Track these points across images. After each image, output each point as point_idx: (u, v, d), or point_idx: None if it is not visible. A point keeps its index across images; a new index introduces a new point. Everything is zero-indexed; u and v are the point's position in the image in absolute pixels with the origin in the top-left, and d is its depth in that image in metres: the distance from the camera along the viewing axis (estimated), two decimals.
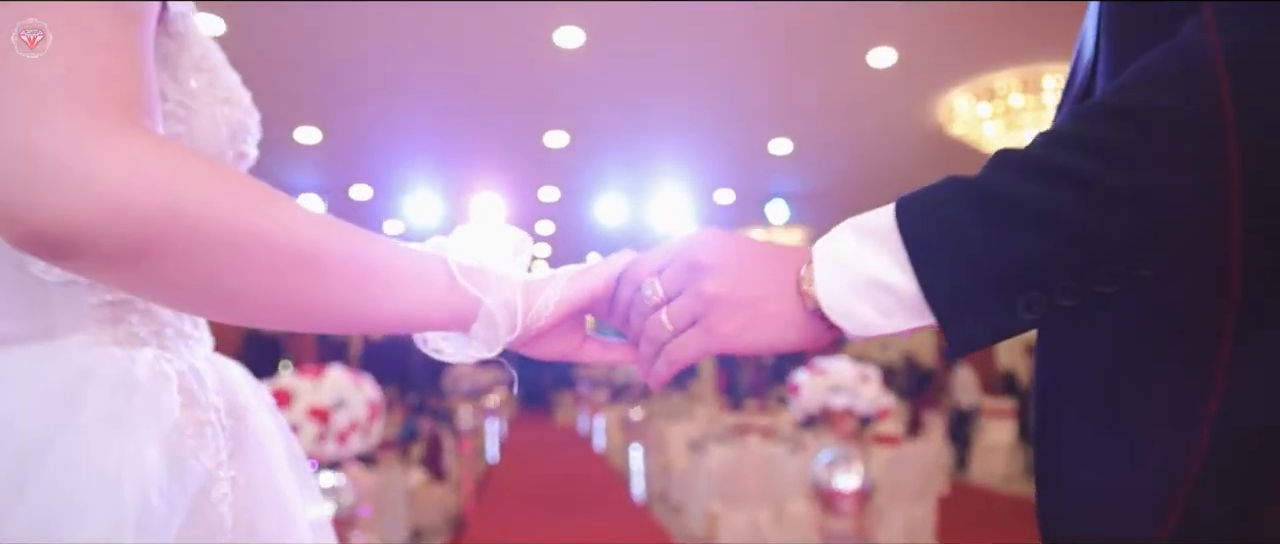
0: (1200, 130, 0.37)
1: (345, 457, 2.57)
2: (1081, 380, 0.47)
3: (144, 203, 0.40)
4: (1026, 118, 5.06)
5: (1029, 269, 0.41)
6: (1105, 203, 0.39)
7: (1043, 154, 0.42)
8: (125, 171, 0.40)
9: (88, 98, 0.42)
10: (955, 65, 4.75)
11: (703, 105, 5.33)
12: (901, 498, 4.38)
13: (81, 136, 0.40)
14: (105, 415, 0.51)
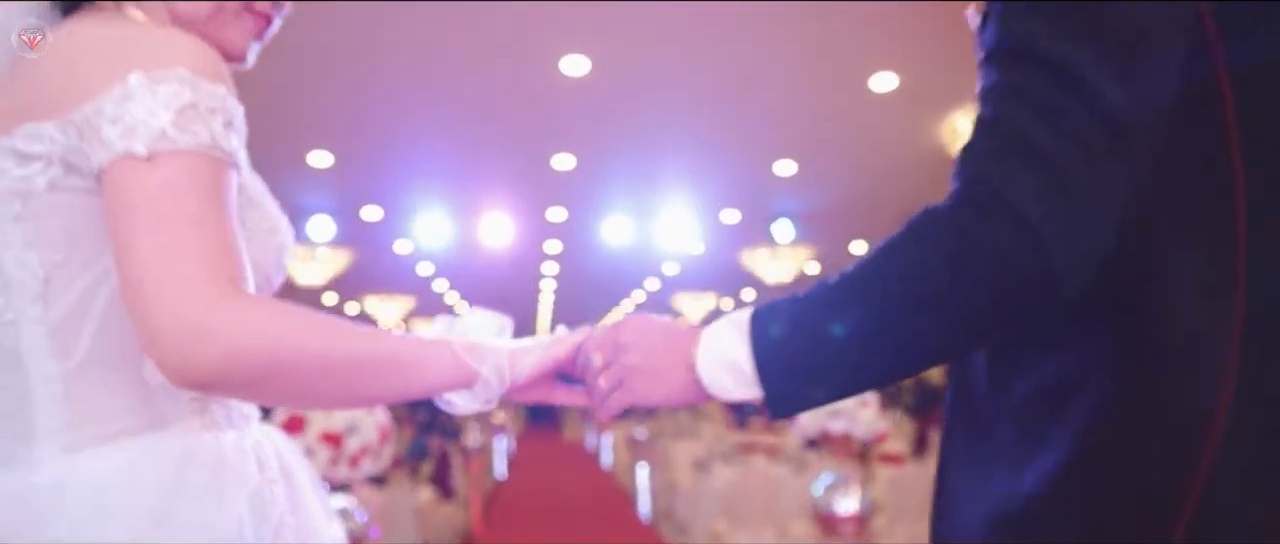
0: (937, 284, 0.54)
1: (356, 479, 2.64)
2: (952, 423, 0.65)
3: (258, 354, 0.60)
4: None
5: (813, 377, 0.60)
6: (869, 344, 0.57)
7: (828, 298, 0.60)
8: (244, 333, 0.59)
9: (217, 276, 0.60)
10: (957, 88, 4.83)
11: (707, 128, 5.42)
12: (906, 517, 4.41)
13: (216, 310, 0.58)
14: (207, 487, 0.65)
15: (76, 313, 0.64)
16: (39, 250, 0.63)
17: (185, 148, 0.61)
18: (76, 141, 0.62)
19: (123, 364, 0.66)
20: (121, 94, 0.60)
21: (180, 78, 0.61)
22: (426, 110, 4.95)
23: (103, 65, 0.62)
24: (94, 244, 0.64)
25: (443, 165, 6.19)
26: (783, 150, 6.00)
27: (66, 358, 0.64)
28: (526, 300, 15.23)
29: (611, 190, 6.94)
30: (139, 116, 0.59)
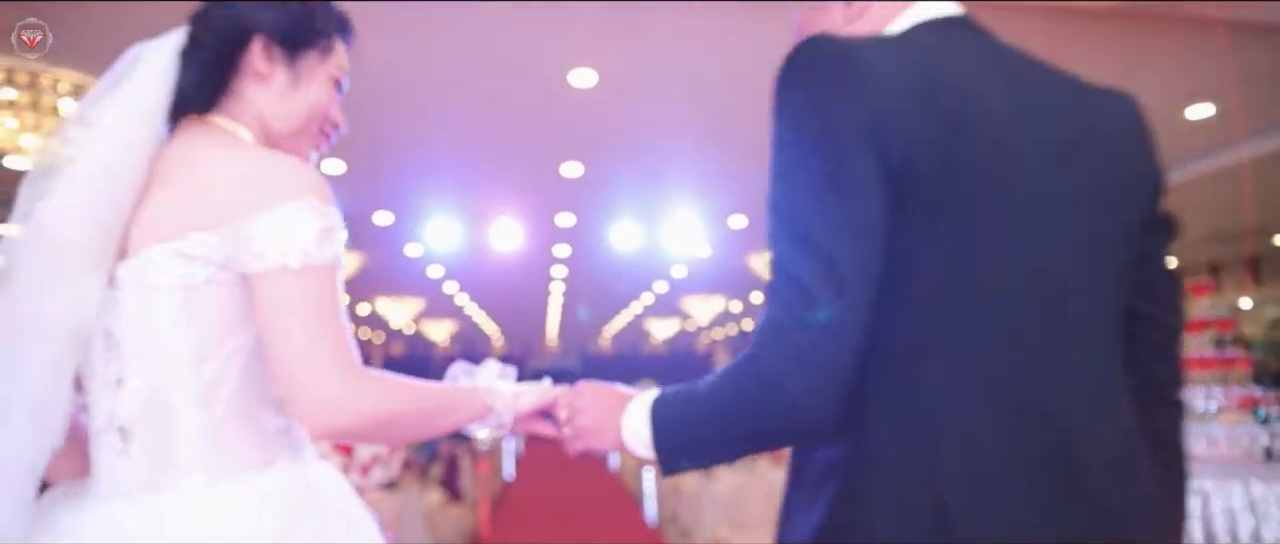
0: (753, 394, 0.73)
1: (367, 486, 2.72)
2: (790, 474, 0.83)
3: (371, 417, 0.83)
4: None
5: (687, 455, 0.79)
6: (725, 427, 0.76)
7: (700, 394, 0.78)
8: (363, 404, 0.82)
9: (344, 361, 0.82)
10: None
11: (714, 135, 5.48)
12: None
13: (346, 388, 0.81)
14: (313, 510, 0.86)
15: (218, 377, 0.83)
16: (193, 328, 0.82)
17: (320, 263, 0.82)
18: (233, 250, 0.80)
19: (248, 415, 0.86)
20: (275, 217, 0.79)
21: (314, 206, 0.82)
22: (437, 122, 5.04)
23: (256, 192, 0.81)
24: (234, 325, 0.83)
25: (453, 173, 6.28)
26: None
27: (209, 411, 0.83)
28: (536, 302, 15.32)
29: (619, 196, 7.01)
30: (291, 238, 0.79)
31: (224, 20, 0.93)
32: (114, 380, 0.82)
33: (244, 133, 0.91)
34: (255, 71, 0.92)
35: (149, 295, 0.81)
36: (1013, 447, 0.68)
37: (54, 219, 0.82)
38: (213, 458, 0.82)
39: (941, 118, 0.70)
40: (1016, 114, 0.74)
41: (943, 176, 0.69)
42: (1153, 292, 0.83)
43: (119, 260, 0.82)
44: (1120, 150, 0.81)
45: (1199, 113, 5.02)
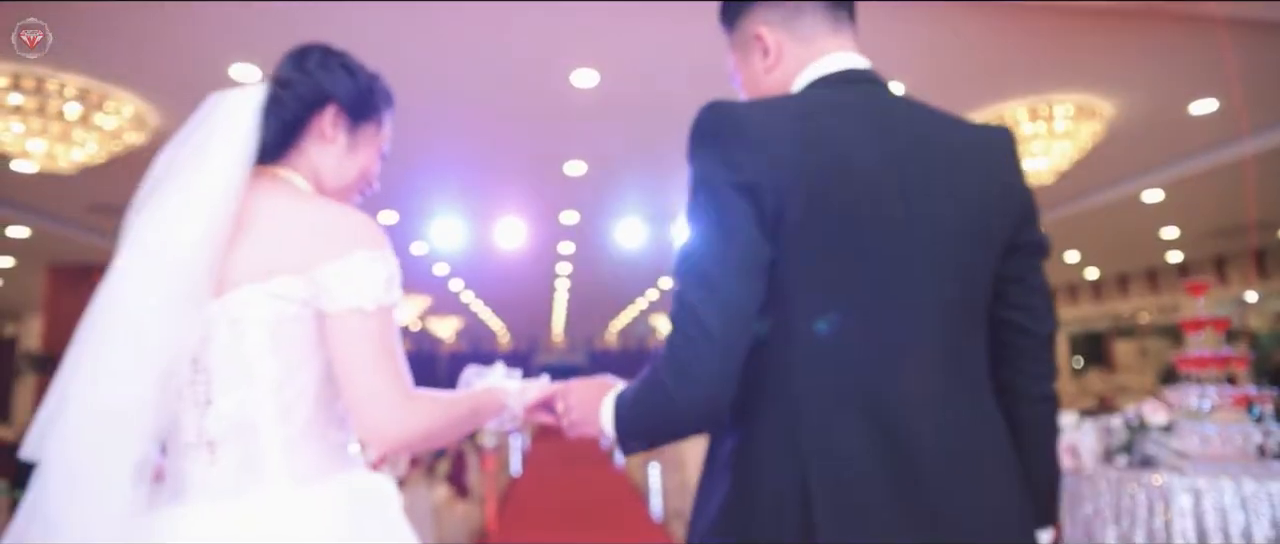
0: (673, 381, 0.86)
1: None
2: (706, 458, 0.97)
3: (423, 431, 0.97)
4: (1037, 146, 5.15)
5: (635, 440, 0.94)
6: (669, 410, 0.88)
7: (650, 379, 0.90)
8: (418, 421, 0.96)
9: (402, 387, 0.96)
10: (963, 95, 4.87)
11: None
12: None
13: (404, 409, 0.95)
14: (373, 509, 1.01)
15: (296, 398, 0.97)
16: (277, 357, 0.95)
17: (386, 305, 0.96)
18: (312, 292, 0.94)
19: (318, 430, 0.99)
20: (349, 265, 0.94)
21: (381, 256, 0.97)
22: (441, 123, 5.08)
23: (332, 241, 0.95)
24: (309, 354, 0.97)
25: (457, 173, 6.32)
26: None
27: (288, 427, 0.96)
28: (542, 299, 15.37)
29: (623, 194, 7.04)
30: (363, 284, 0.93)
31: (308, 86, 1.06)
32: (203, 401, 0.95)
33: (302, 183, 1.06)
34: (321, 133, 1.08)
35: (240, 329, 0.94)
36: (859, 443, 0.84)
37: (162, 254, 0.92)
38: (291, 467, 0.96)
39: (810, 172, 0.84)
40: (884, 159, 0.87)
41: (810, 220, 0.84)
42: (1025, 305, 0.96)
43: (215, 299, 0.94)
44: (986, 182, 0.93)
45: (1203, 109, 5.02)
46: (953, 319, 0.89)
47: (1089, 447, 2.27)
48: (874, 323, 0.86)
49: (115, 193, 6.51)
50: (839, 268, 0.85)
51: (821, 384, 0.85)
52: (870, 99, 0.94)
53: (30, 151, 4.24)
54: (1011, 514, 0.90)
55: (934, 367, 0.88)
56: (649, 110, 4.89)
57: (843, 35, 1.01)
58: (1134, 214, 7.79)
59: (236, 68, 4.08)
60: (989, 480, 0.88)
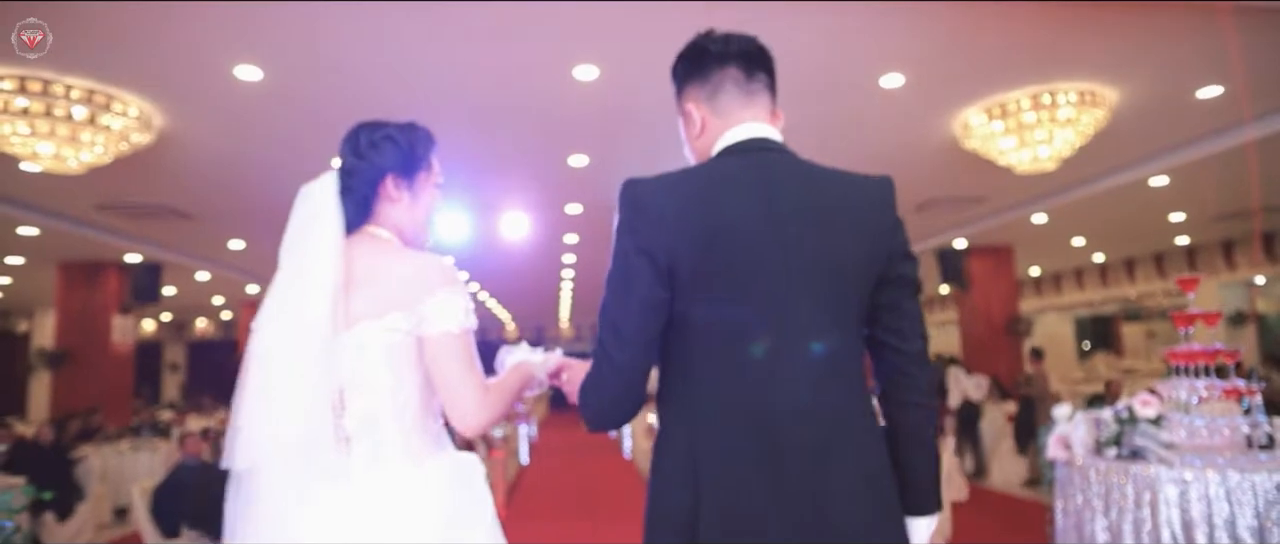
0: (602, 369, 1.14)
1: None
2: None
3: (493, 416, 1.30)
4: (1040, 132, 5.15)
5: (597, 421, 1.16)
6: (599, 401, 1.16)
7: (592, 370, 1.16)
8: (492, 410, 1.30)
9: (481, 385, 1.28)
10: (966, 86, 4.87)
11: None
12: None
13: (483, 402, 1.28)
14: (464, 480, 1.31)
15: (406, 401, 1.28)
16: (392, 372, 1.27)
17: (467, 328, 1.28)
18: (414, 322, 1.26)
19: (422, 423, 1.31)
20: (439, 300, 1.26)
21: (459, 291, 1.29)
22: (443, 120, 5.12)
23: (424, 284, 1.27)
24: (413, 367, 1.28)
25: (461, 168, 6.36)
26: (794, 144, 6.07)
27: (401, 422, 1.28)
28: (548, 289, 15.43)
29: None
30: (450, 313, 1.26)
31: (364, 172, 1.35)
32: (339, 406, 1.26)
33: (388, 235, 1.37)
34: (388, 196, 1.37)
35: (364, 354, 1.26)
36: (745, 450, 1.06)
37: (306, 293, 1.24)
38: (404, 451, 1.28)
39: (698, 235, 1.07)
40: (765, 217, 1.09)
41: (698, 270, 1.07)
42: (896, 328, 1.16)
43: (342, 332, 1.25)
44: (858, 229, 1.13)
45: (1209, 94, 5.00)
46: (827, 343, 1.09)
47: (1081, 439, 2.31)
48: (757, 350, 1.07)
49: (121, 191, 6.59)
50: (727, 308, 1.08)
51: (715, 403, 1.09)
52: (762, 166, 1.15)
53: (39, 154, 4.30)
54: (879, 506, 1.09)
55: (809, 384, 1.07)
56: (649, 104, 4.92)
57: (755, 107, 1.23)
58: (1140, 199, 7.76)
59: (240, 68, 4.12)
60: (857, 479, 1.07)
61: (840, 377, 1.10)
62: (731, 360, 1.08)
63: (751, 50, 1.26)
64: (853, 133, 5.75)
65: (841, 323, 1.10)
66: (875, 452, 1.11)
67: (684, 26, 1.46)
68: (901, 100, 5.01)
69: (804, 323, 1.08)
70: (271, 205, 7.34)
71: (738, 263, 1.07)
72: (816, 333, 1.08)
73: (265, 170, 6.17)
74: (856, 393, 1.11)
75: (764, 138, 1.20)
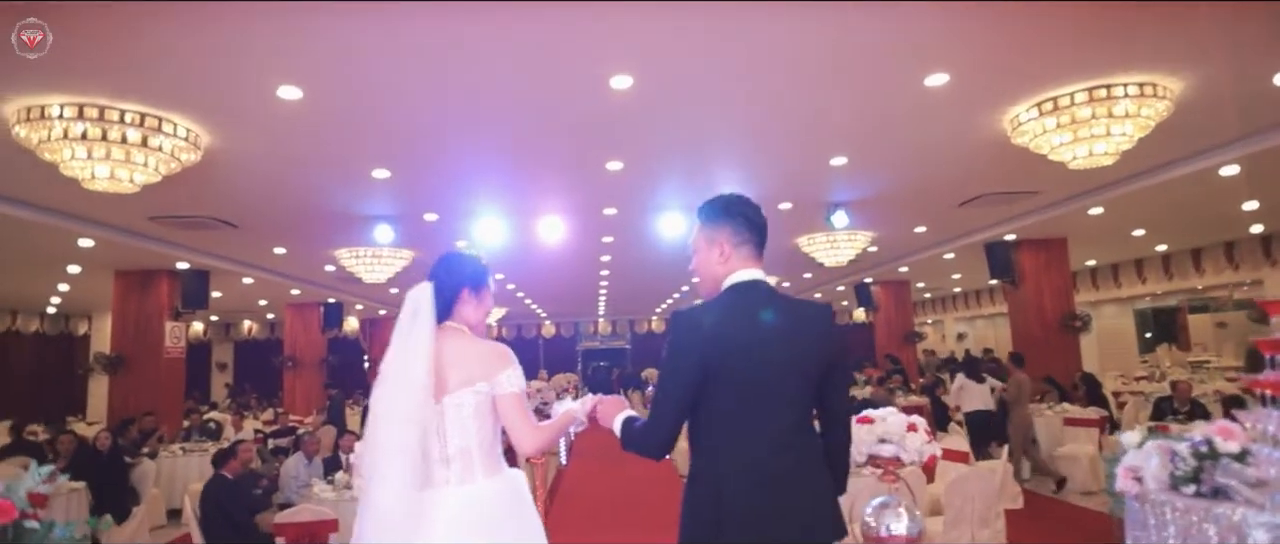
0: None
1: None
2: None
3: (543, 446, 2.02)
4: (1096, 127, 4.90)
5: (633, 448, 1.84)
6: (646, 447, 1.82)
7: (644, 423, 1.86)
8: (541, 442, 1.98)
9: (533, 427, 1.96)
10: (1015, 82, 4.66)
11: (755, 130, 5.40)
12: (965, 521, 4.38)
13: (535, 436, 1.96)
14: (523, 492, 2.02)
15: (484, 437, 1.94)
16: (477, 419, 1.93)
17: (523, 390, 1.97)
18: (491, 388, 1.93)
19: (495, 451, 1.98)
20: (506, 374, 1.94)
21: (516, 366, 1.98)
22: (482, 131, 5.11)
23: (496, 363, 1.95)
24: (489, 415, 1.94)
25: (498, 175, 6.36)
26: (836, 146, 5.92)
27: (483, 451, 1.94)
28: (586, 289, 15.45)
29: (660, 188, 6.99)
30: (515, 381, 1.95)
31: (450, 283, 2.02)
32: (444, 441, 1.91)
33: (462, 326, 2.02)
34: (463, 301, 2.03)
35: (460, 409, 1.91)
36: (745, 480, 1.70)
37: (412, 371, 1.87)
38: (485, 469, 1.94)
39: (718, 346, 1.72)
40: (751, 334, 1.74)
41: (718, 370, 1.71)
42: (832, 399, 1.86)
43: (445, 394, 1.90)
44: (808, 340, 1.79)
45: None
46: (792, 413, 1.77)
47: (1153, 473, 2.16)
48: (749, 419, 1.74)
49: (172, 204, 6.75)
50: (731, 393, 1.74)
51: (725, 450, 1.74)
52: (753, 299, 1.81)
53: (97, 176, 4.40)
54: (827, 509, 1.79)
55: (780, 439, 1.74)
56: (680, 109, 4.83)
57: (756, 260, 1.88)
58: (1209, 188, 7.35)
59: (283, 89, 4.15)
60: (812, 493, 1.77)
61: (799, 433, 1.78)
62: (737, 426, 1.74)
63: (765, 229, 1.92)
64: (897, 132, 5.57)
65: (800, 400, 1.79)
66: (824, 477, 1.82)
67: (718, 36, 1.40)
68: (946, 99, 4.82)
69: (779, 401, 1.75)
70: (311, 215, 7.48)
71: (737, 364, 1.73)
72: (787, 406, 1.76)
73: (306, 183, 6.25)
74: (809, 442, 1.80)
75: (757, 281, 1.85)
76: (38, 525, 1.84)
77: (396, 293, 14.30)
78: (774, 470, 1.70)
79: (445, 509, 1.83)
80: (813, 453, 1.78)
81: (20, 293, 12.51)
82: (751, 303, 1.79)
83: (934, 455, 2.92)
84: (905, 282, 15.19)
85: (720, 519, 1.68)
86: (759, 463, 1.70)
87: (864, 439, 2.94)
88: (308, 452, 6.11)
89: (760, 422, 1.72)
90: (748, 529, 1.67)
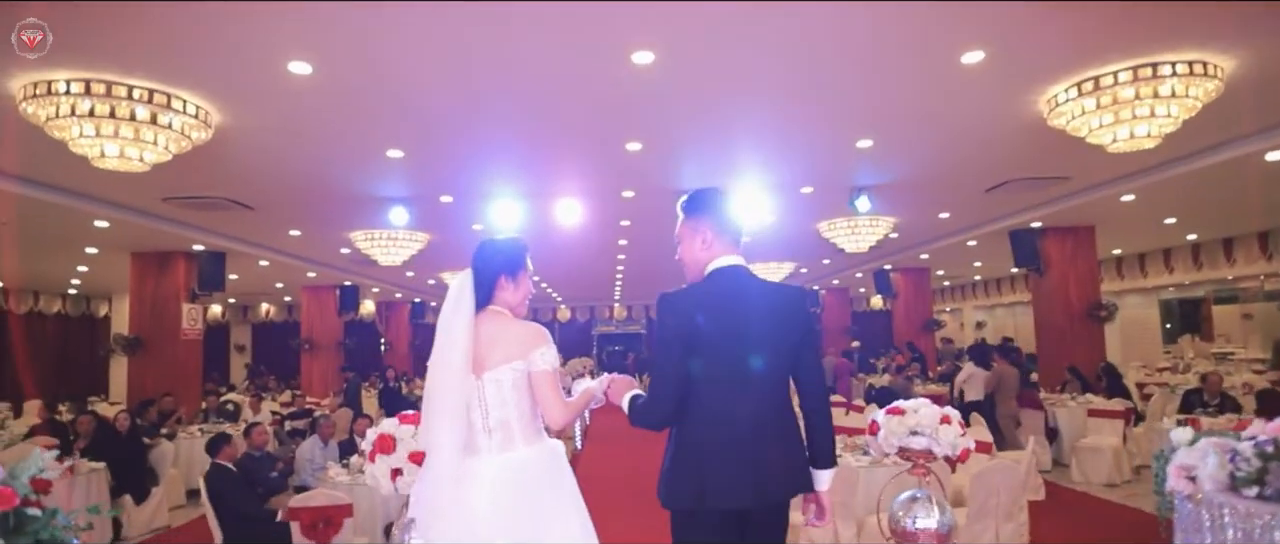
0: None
1: None
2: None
3: (570, 420, 2.18)
4: (1139, 109, 4.69)
5: (639, 422, 2.04)
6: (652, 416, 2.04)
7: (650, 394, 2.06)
8: (568, 417, 2.14)
9: (563, 403, 2.13)
10: (1055, 60, 4.46)
11: (779, 110, 5.24)
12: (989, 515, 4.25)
13: (564, 411, 2.13)
14: (560, 459, 2.17)
15: (526, 410, 2.10)
16: (516, 393, 2.09)
17: (557, 368, 2.14)
18: (527, 365, 2.09)
19: (534, 422, 2.13)
20: (541, 351, 2.10)
21: (551, 345, 2.14)
22: (498, 112, 4.99)
23: (532, 342, 2.10)
24: (526, 390, 2.10)
25: (515, 156, 6.25)
26: (860, 125, 5.74)
27: (522, 421, 2.09)
28: (602, 273, 15.36)
29: (680, 169, 6.85)
30: (549, 359, 2.10)
31: (487, 271, 2.16)
32: (485, 413, 2.07)
33: (503, 310, 2.17)
34: (501, 287, 2.17)
35: (498, 386, 2.07)
36: (722, 436, 1.92)
37: (452, 353, 2.05)
38: (524, 437, 2.09)
39: (699, 323, 1.93)
40: (732, 311, 1.96)
41: (702, 339, 1.93)
42: (805, 373, 2.05)
43: (486, 370, 2.07)
44: (782, 317, 2.01)
45: None
46: (768, 381, 1.97)
47: (1210, 473, 2.03)
48: (728, 385, 1.93)
49: (185, 184, 6.70)
50: (713, 364, 1.93)
51: (706, 413, 1.93)
52: (734, 280, 2.03)
53: (106, 154, 4.34)
54: (799, 463, 2.00)
55: (757, 403, 1.95)
56: (703, 86, 4.68)
57: (735, 247, 2.08)
58: (1252, 174, 7.08)
59: (294, 65, 4.05)
60: (785, 450, 1.97)
61: (773, 399, 1.98)
62: (718, 397, 1.93)
63: (739, 222, 2.12)
64: (928, 113, 5.39)
65: (777, 369, 1.99)
66: (796, 436, 2.03)
67: (744, 10, 1.27)
68: (982, 78, 4.64)
69: (756, 371, 1.95)
70: (326, 196, 7.41)
71: (717, 338, 1.94)
72: (763, 376, 1.96)
73: (319, 163, 6.17)
74: (783, 407, 2.00)
75: (737, 265, 2.06)
76: (40, 513, 1.76)
77: (412, 276, 14.32)
78: (753, 439, 1.90)
79: (487, 474, 2.02)
80: (790, 421, 2.00)
81: (41, 274, 12.62)
82: (731, 285, 2.00)
83: (967, 449, 2.80)
84: (925, 269, 14.96)
85: (702, 489, 1.88)
86: (738, 435, 1.89)
87: (894, 431, 2.82)
88: (323, 435, 6.08)
89: (740, 393, 1.91)
90: (728, 496, 1.88)
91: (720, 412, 1.89)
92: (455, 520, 1.96)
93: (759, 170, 7.01)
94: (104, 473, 5.90)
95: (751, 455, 1.87)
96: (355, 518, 4.08)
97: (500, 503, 1.97)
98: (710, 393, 1.89)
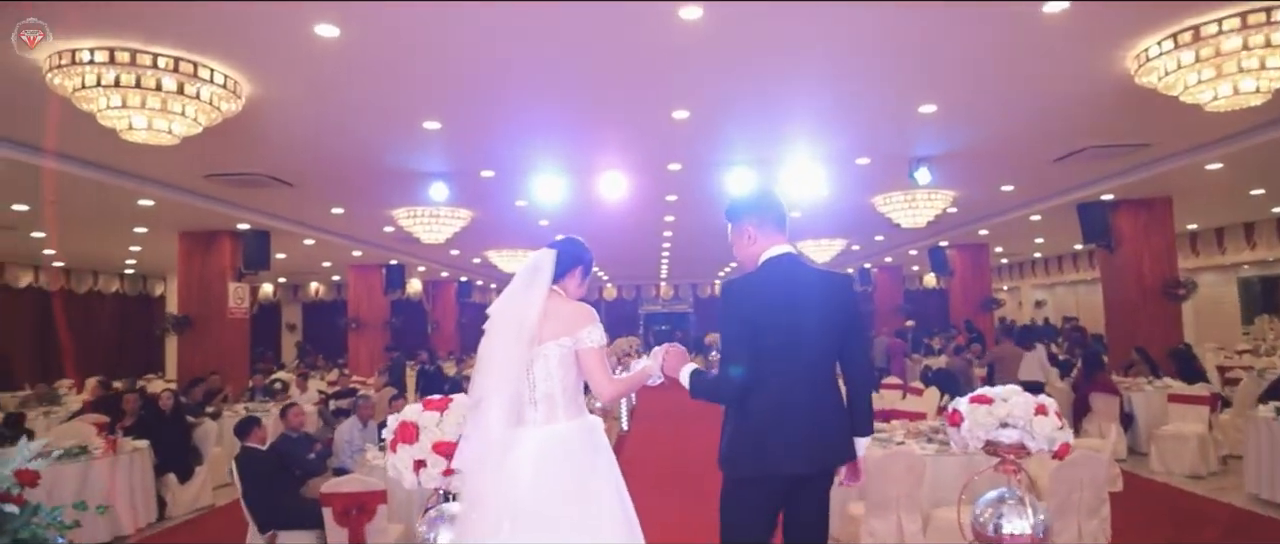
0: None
1: None
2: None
3: (619, 395, 2.43)
4: (1247, 60, 4.17)
5: (700, 397, 2.33)
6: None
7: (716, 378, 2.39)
8: (616, 391, 2.32)
9: (610, 379, 2.30)
10: (1149, 6, 3.99)
11: (837, 70, 4.85)
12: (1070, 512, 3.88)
13: (611, 387, 2.29)
14: (599, 432, 2.30)
15: (571, 384, 2.24)
16: (563, 368, 2.23)
17: (603, 345, 2.27)
18: (575, 342, 2.23)
19: (578, 397, 2.28)
20: (589, 330, 2.23)
21: (599, 325, 2.27)
22: (540, 82, 4.72)
23: (582, 320, 2.24)
24: (572, 365, 2.23)
25: (558, 129, 5.99)
26: (928, 92, 5.31)
27: (567, 395, 2.23)
28: (649, 250, 15.08)
29: (729, 141, 6.50)
30: (596, 337, 2.24)
31: (569, 258, 2.35)
32: (532, 386, 2.20)
33: (561, 291, 2.32)
34: (573, 275, 2.37)
35: (545, 361, 2.20)
36: (779, 414, 2.18)
37: (521, 324, 2.20)
38: (567, 411, 2.21)
39: (759, 307, 2.23)
40: (786, 297, 2.24)
41: (761, 322, 2.21)
42: (852, 348, 2.33)
43: (536, 345, 2.20)
44: (831, 302, 2.28)
45: None
46: (818, 362, 2.24)
47: None
48: (785, 366, 2.18)
49: (223, 161, 6.62)
50: (772, 345, 2.17)
51: (766, 390, 2.17)
52: (786, 268, 2.28)
53: (134, 126, 4.21)
54: (845, 434, 2.26)
55: (809, 382, 2.20)
56: (753, 43, 4.32)
57: (782, 235, 2.34)
58: None
59: (321, 27, 3.85)
60: (837, 422, 2.25)
61: (824, 375, 2.24)
62: (777, 372, 2.16)
63: (780, 205, 2.37)
64: (1000, 74, 4.93)
65: (826, 351, 2.25)
66: (838, 407, 2.25)
67: None
68: (1064, 31, 4.19)
69: (807, 352, 2.19)
70: (365, 171, 7.27)
71: (774, 322, 2.17)
72: (815, 358, 2.21)
73: (355, 135, 6.00)
74: (831, 383, 2.25)
75: (787, 252, 2.30)
76: (19, 510, 1.57)
77: (457, 255, 14.26)
78: (808, 412, 2.15)
79: (530, 444, 2.13)
80: (836, 396, 2.25)
81: (96, 253, 12.91)
82: (784, 273, 2.25)
83: (1067, 443, 2.45)
84: (984, 245, 14.28)
85: (764, 457, 2.13)
86: (796, 408, 2.14)
87: (981, 422, 2.49)
88: (362, 416, 5.97)
89: (796, 368, 2.16)
90: (787, 464, 2.14)
91: (778, 387, 2.14)
92: (498, 485, 2.09)
93: (812, 141, 6.61)
94: (147, 452, 5.90)
95: (806, 427, 2.14)
96: (390, 505, 3.92)
97: (543, 472, 2.10)
98: (769, 370, 2.14)
